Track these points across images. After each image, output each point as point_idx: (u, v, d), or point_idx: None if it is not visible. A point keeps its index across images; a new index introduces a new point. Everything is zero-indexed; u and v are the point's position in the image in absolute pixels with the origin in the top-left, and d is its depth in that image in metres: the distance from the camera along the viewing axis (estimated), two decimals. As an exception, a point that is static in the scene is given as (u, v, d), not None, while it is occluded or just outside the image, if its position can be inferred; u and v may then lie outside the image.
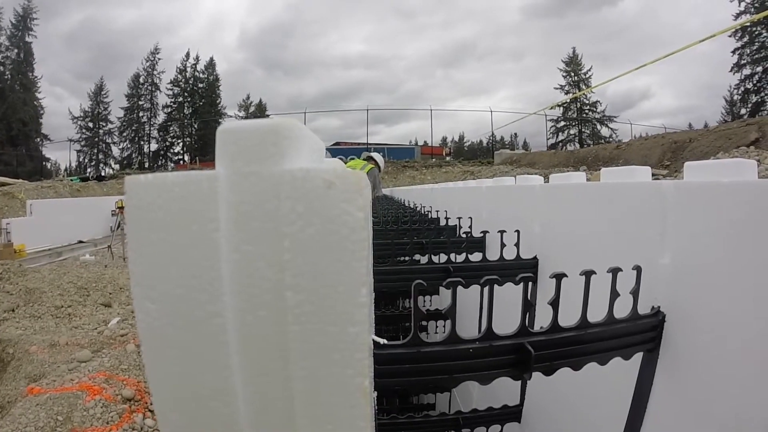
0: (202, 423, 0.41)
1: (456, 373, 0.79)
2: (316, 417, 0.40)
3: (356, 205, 0.37)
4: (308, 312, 0.37)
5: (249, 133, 0.38)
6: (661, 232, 0.99)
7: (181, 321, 0.39)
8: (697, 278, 0.89)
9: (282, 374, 0.38)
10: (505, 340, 0.81)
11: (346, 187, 0.37)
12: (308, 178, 0.37)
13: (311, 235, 0.37)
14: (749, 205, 0.78)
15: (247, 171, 0.38)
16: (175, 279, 0.38)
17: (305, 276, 0.37)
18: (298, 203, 0.37)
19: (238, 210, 0.37)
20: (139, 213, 0.39)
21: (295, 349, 0.38)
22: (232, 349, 0.38)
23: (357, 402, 0.39)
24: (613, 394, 1.05)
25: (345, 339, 0.38)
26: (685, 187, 0.93)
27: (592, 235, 1.29)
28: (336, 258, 0.37)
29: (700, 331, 0.88)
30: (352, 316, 0.38)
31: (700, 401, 0.87)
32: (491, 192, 2.29)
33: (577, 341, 0.87)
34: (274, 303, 0.37)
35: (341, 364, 0.38)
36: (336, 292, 0.37)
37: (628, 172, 1.20)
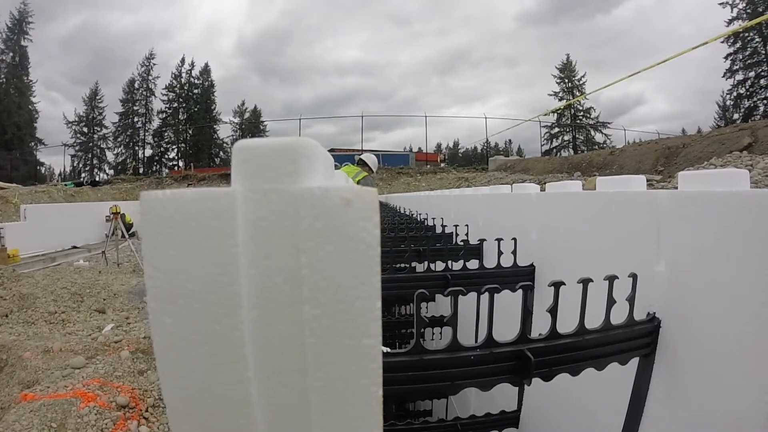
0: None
1: (457, 380, 0.81)
2: (331, 426, 0.41)
3: (373, 223, 0.38)
4: (325, 326, 0.39)
5: (268, 151, 0.39)
6: (657, 240, 1.01)
7: (199, 335, 0.40)
8: (691, 285, 0.91)
9: (299, 386, 0.40)
10: (505, 347, 0.82)
11: (363, 205, 0.38)
12: (327, 196, 0.38)
13: (329, 252, 0.38)
14: (741, 214, 0.80)
15: (266, 188, 0.39)
16: (193, 294, 0.39)
17: (323, 291, 0.38)
18: (316, 220, 0.38)
19: (256, 226, 0.38)
20: (156, 229, 0.39)
21: (312, 361, 0.39)
22: (249, 362, 0.39)
23: (372, 411, 0.41)
24: (610, 399, 1.07)
25: (360, 351, 0.39)
26: (679, 197, 0.95)
27: (588, 243, 1.31)
28: (353, 274, 0.38)
29: (694, 337, 0.90)
30: (368, 329, 0.39)
31: (694, 405, 0.89)
32: (488, 200, 2.31)
33: (575, 347, 0.89)
34: (292, 317, 0.39)
35: (357, 375, 0.40)
36: (353, 307, 0.39)
37: (624, 181, 1.22)
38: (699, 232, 0.90)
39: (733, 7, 34.92)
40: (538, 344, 0.85)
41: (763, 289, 0.76)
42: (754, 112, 35.91)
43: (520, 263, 1.63)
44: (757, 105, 37.00)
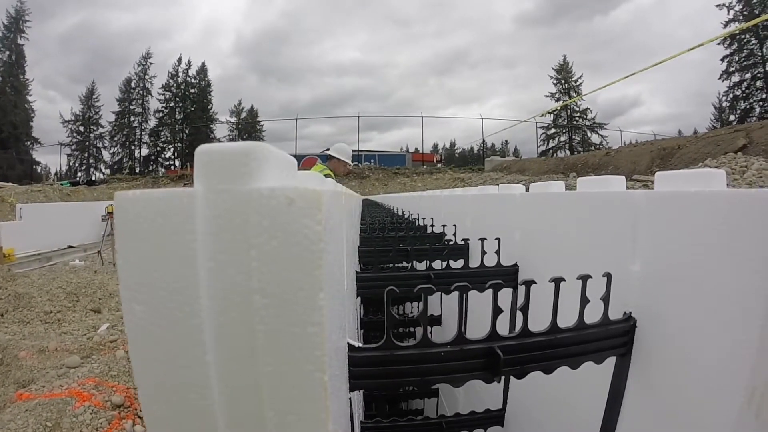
0: (181, 414, 0.45)
1: (428, 376, 0.82)
2: (281, 408, 0.44)
3: (315, 220, 0.42)
4: (272, 314, 0.42)
5: (223, 155, 0.43)
6: (633, 239, 1.02)
7: (164, 321, 0.44)
8: (665, 285, 0.92)
9: (252, 370, 0.43)
10: (476, 344, 0.84)
11: (305, 204, 0.42)
12: (273, 195, 0.42)
13: (275, 247, 0.42)
14: (714, 214, 0.81)
15: (221, 189, 0.43)
16: (159, 283, 0.43)
17: (270, 282, 0.42)
18: (264, 218, 0.42)
19: (213, 223, 0.42)
20: (128, 225, 0.44)
21: (262, 346, 0.43)
22: (207, 347, 0.43)
23: (317, 395, 0.44)
24: (591, 398, 1.07)
25: (305, 338, 0.43)
26: (654, 197, 0.96)
27: (569, 242, 1.32)
28: (296, 267, 0.42)
29: (668, 337, 0.90)
30: (311, 318, 0.43)
31: (669, 405, 0.90)
32: (475, 200, 2.33)
33: (548, 346, 0.89)
34: (244, 306, 0.42)
35: (302, 361, 0.43)
36: (296, 297, 0.42)
37: (603, 181, 1.23)
38: (673, 232, 0.90)
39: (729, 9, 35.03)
40: (509, 342, 0.86)
41: (737, 289, 0.76)
42: (750, 114, 36.03)
43: (506, 263, 1.64)
44: (753, 107, 37.12)
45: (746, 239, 0.75)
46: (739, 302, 0.76)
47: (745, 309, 0.75)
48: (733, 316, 0.77)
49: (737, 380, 0.76)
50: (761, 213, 0.74)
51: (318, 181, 0.78)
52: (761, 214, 0.74)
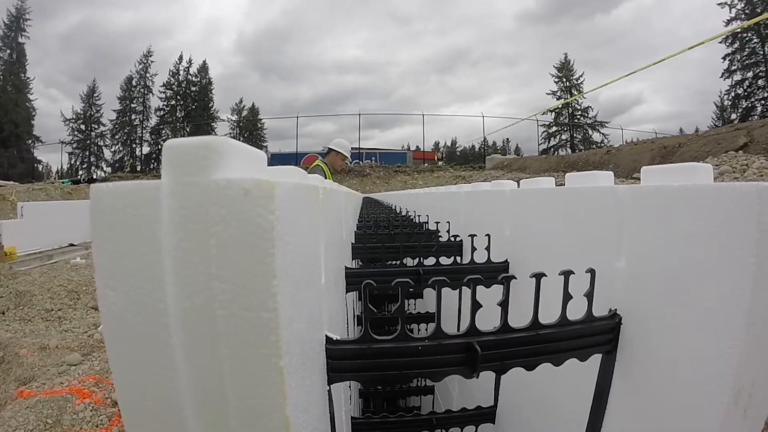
0: (150, 396, 0.48)
1: (406, 370, 0.83)
2: (240, 391, 0.47)
3: (267, 209, 0.45)
4: (230, 299, 0.45)
5: (186, 149, 0.46)
6: (618, 235, 1.00)
7: (133, 306, 0.47)
8: (650, 281, 0.91)
9: (213, 353, 0.46)
10: (454, 339, 0.84)
11: (260, 194, 0.45)
12: (229, 186, 0.45)
13: (232, 235, 0.45)
14: (698, 209, 0.79)
15: (184, 181, 0.45)
16: (128, 270, 0.46)
17: (227, 269, 0.45)
18: (221, 208, 0.45)
19: (177, 214, 0.45)
20: (101, 215, 0.47)
21: (222, 331, 0.45)
22: (173, 330, 0.46)
23: (274, 379, 0.47)
24: (582, 395, 1.05)
25: (260, 323, 0.45)
26: (639, 192, 0.95)
27: (557, 238, 1.32)
28: (250, 254, 0.45)
29: (653, 334, 0.89)
30: (265, 304, 0.45)
31: (654, 403, 0.89)
32: (469, 197, 2.33)
33: (528, 342, 0.89)
34: (205, 291, 0.45)
35: (257, 345, 0.46)
36: (251, 283, 0.45)
37: (590, 176, 1.22)
38: (657, 227, 0.89)
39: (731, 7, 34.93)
40: (489, 337, 0.85)
41: (722, 286, 0.75)
42: (752, 113, 35.92)
43: (497, 259, 1.64)
44: (754, 105, 37.02)
45: (731, 234, 0.74)
46: (723, 299, 0.75)
47: (730, 306, 0.74)
48: (717, 313, 0.76)
49: (723, 380, 0.75)
50: (747, 207, 0.72)
51: (286, 175, 0.79)
52: (747, 209, 0.72)
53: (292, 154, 32.51)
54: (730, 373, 0.74)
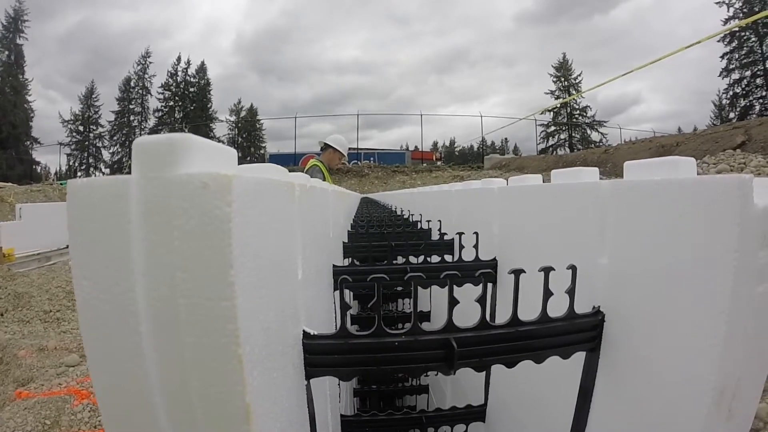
0: (121, 382, 0.51)
1: (383, 365, 0.83)
2: (203, 378, 0.49)
3: (224, 201, 0.47)
4: (191, 288, 0.47)
5: (152, 146, 0.49)
6: (600, 231, 0.99)
7: (105, 294, 0.49)
8: (631, 278, 0.89)
9: (177, 340, 0.48)
10: (431, 335, 0.83)
11: (218, 187, 0.47)
12: (190, 180, 0.47)
13: (193, 227, 0.47)
14: (677, 204, 0.77)
15: (150, 176, 0.48)
16: (101, 261, 0.49)
17: (188, 259, 0.47)
18: (183, 201, 0.47)
19: (144, 207, 0.47)
20: (76, 208, 0.50)
21: (184, 319, 0.48)
22: (141, 318, 0.48)
23: (233, 367, 0.49)
24: (571, 393, 1.03)
25: (218, 312, 0.47)
26: (620, 187, 0.93)
27: (544, 235, 1.31)
28: (209, 244, 0.47)
29: (635, 332, 0.88)
30: (223, 293, 0.47)
31: (637, 402, 0.87)
32: (460, 195, 2.33)
33: (508, 339, 0.88)
34: (169, 281, 0.47)
35: (217, 333, 0.48)
36: (209, 273, 0.47)
37: (575, 173, 1.20)
38: (638, 223, 0.87)
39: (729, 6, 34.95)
40: (466, 334, 0.85)
41: (702, 283, 0.73)
42: (750, 111, 35.94)
43: (486, 257, 1.63)
44: (753, 104, 37.04)
45: (712, 229, 0.72)
46: (704, 296, 0.73)
47: (710, 303, 0.72)
48: (698, 310, 0.74)
49: (704, 379, 0.73)
50: (727, 201, 0.70)
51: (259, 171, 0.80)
52: (727, 202, 0.70)
53: (290, 155, 32.53)
54: (712, 372, 0.72)
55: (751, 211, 0.70)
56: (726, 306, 0.70)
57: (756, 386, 0.82)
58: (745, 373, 0.75)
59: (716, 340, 0.71)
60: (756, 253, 0.72)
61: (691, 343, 0.75)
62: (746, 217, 0.69)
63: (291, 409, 0.73)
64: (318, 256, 1.25)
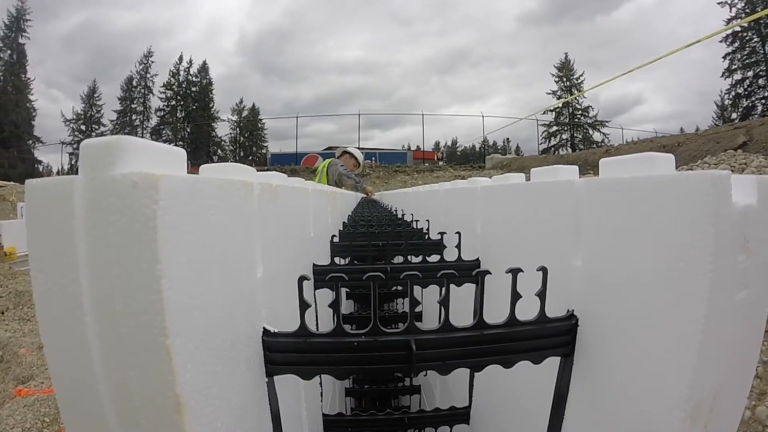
0: (71, 369, 0.54)
1: (343, 365, 0.82)
2: (137, 367, 0.52)
3: (152, 200, 0.50)
4: (125, 281, 0.50)
5: (93, 147, 0.52)
6: (575, 232, 0.95)
7: (55, 286, 0.53)
8: (605, 281, 0.85)
9: (115, 330, 0.51)
10: (392, 336, 0.82)
11: (145, 185, 0.50)
12: (122, 180, 0.50)
13: (125, 223, 0.50)
14: (650, 202, 0.73)
15: (91, 176, 0.51)
16: (51, 254, 0.53)
17: (121, 254, 0.50)
18: (116, 199, 0.50)
19: (86, 204, 0.51)
20: (32, 207, 0.53)
21: (120, 310, 0.50)
22: (86, 309, 0.51)
23: (162, 358, 0.51)
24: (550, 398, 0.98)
25: (148, 304, 0.50)
26: (593, 185, 0.89)
27: (523, 235, 1.28)
28: (138, 240, 0.50)
29: (608, 338, 0.84)
30: (151, 286, 0.50)
31: (610, 410, 0.84)
32: (447, 195, 2.31)
33: (472, 342, 0.86)
34: (107, 275, 0.50)
35: (147, 325, 0.51)
36: (139, 267, 0.50)
37: (553, 171, 1.16)
38: (612, 223, 0.83)
39: (731, 6, 34.86)
40: (428, 336, 0.83)
41: (675, 287, 0.68)
42: (753, 112, 35.82)
43: (470, 257, 1.61)
44: (755, 104, 36.94)
45: (686, 230, 0.67)
46: (678, 302, 0.68)
47: (684, 310, 0.67)
48: (671, 317, 0.70)
49: (677, 391, 0.69)
50: (701, 199, 0.65)
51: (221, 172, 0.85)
52: (701, 201, 0.65)
53: (291, 154, 32.53)
54: (685, 385, 0.68)
55: (729, 211, 0.66)
56: (701, 314, 0.65)
57: (737, 401, 0.78)
58: (724, 387, 0.70)
59: (690, 351, 0.66)
60: (735, 256, 0.67)
61: (665, 353, 0.71)
62: (723, 218, 0.64)
63: (244, 404, 0.75)
64: (290, 255, 1.24)
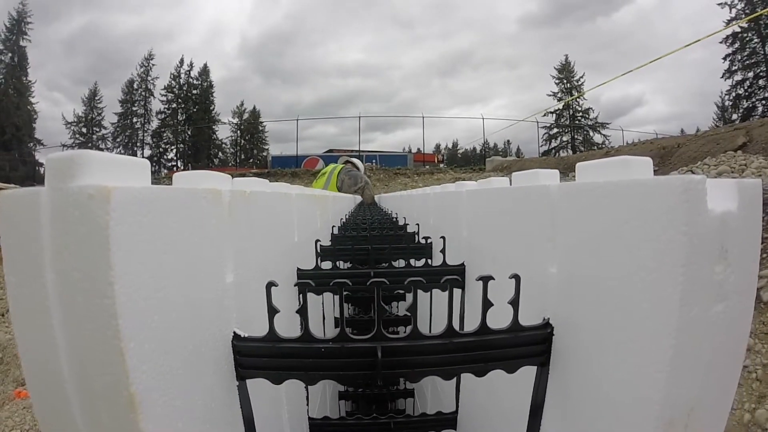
0: (42, 367, 0.58)
1: (311, 371, 0.83)
2: (97, 366, 0.56)
3: (104, 210, 0.53)
4: (84, 286, 0.54)
5: (56, 161, 0.56)
6: (551, 238, 0.93)
7: (26, 290, 0.57)
8: (579, 289, 0.83)
9: (79, 332, 0.55)
10: (358, 343, 0.82)
11: (100, 197, 0.53)
12: (80, 191, 0.53)
13: (83, 233, 0.53)
14: (621, 209, 0.71)
15: (55, 187, 0.55)
16: (22, 260, 0.57)
17: (80, 261, 0.54)
18: (75, 209, 0.53)
19: (51, 214, 0.55)
20: (3, 216, 0.58)
21: (82, 314, 0.54)
22: (52, 312, 0.55)
23: (117, 359, 0.55)
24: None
25: (102, 308, 0.54)
26: (568, 190, 0.87)
27: (505, 241, 1.26)
28: (93, 248, 0.53)
29: (582, 348, 0.82)
30: (105, 291, 0.53)
31: (584, 424, 0.81)
32: (437, 198, 2.30)
33: (442, 350, 0.85)
34: (69, 280, 0.54)
35: (104, 327, 0.54)
36: (93, 272, 0.53)
37: (533, 175, 1.13)
38: (586, 229, 0.81)
39: (731, 7, 34.89)
40: (395, 344, 0.82)
41: (649, 299, 0.65)
42: (753, 113, 35.83)
43: (456, 261, 1.60)
44: (755, 105, 36.94)
45: (657, 239, 0.64)
46: (650, 315, 0.65)
47: (656, 323, 0.64)
48: (643, 330, 0.66)
49: (650, 408, 0.66)
50: (672, 206, 0.62)
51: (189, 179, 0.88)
52: (672, 208, 0.62)
53: (292, 157, 32.63)
54: (657, 401, 0.65)
55: (704, 218, 0.62)
56: (673, 327, 0.62)
57: (716, 419, 0.74)
58: (701, 404, 0.67)
59: (662, 365, 0.63)
60: (712, 267, 0.64)
61: (637, 368, 0.68)
62: (696, 226, 0.61)
63: (212, 406, 0.78)
64: (269, 260, 1.23)
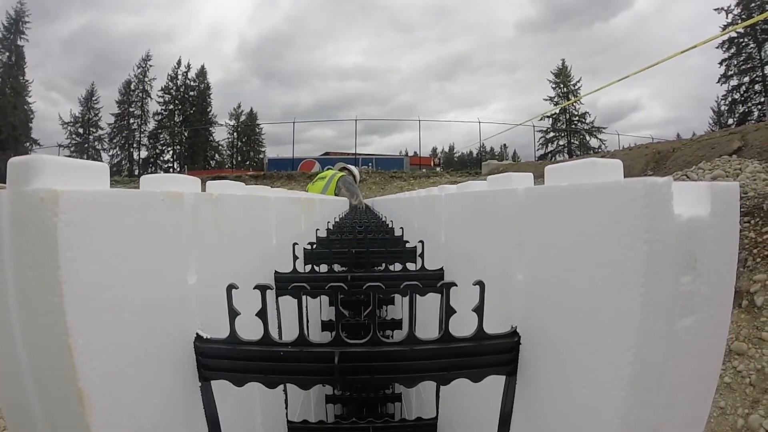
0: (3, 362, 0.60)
1: (270, 374, 0.83)
2: (48, 361, 0.58)
3: (53, 212, 0.55)
4: (36, 284, 0.56)
5: (16, 165, 0.59)
6: (518, 244, 0.91)
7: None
8: (543, 297, 0.81)
9: (35, 327, 0.57)
10: (317, 348, 0.81)
11: (50, 200, 0.55)
12: (33, 195, 0.55)
13: (34, 234, 0.56)
14: (583, 213, 0.68)
15: (14, 190, 0.57)
16: None
17: (32, 260, 0.56)
18: (29, 212, 0.56)
19: (10, 216, 0.57)
20: None
21: (36, 310, 0.56)
22: (11, 307, 0.58)
23: (65, 354, 0.57)
24: None
25: (53, 306, 0.56)
26: (533, 194, 0.85)
27: (478, 246, 1.24)
28: (43, 249, 0.56)
29: (547, 358, 0.78)
30: (53, 290, 0.56)
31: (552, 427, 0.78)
32: (421, 202, 2.29)
33: (401, 357, 0.83)
34: (23, 277, 0.57)
35: (53, 325, 0.56)
36: (45, 272, 0.56)
37: (506, 178, 1.08)
38: (549, 235, 0.78)
39: (728, 13, 35.06)
40: (354, 349, 0.82)
41: (608, 312, 0.62)
42: (749, 118, 35.97)
43: (436, 266, 1.58)
44: (751, 110, 37.13)
45: (617, 246, 0.60)
46: (610, 329, 0.62)
47: (616, 338, 0.60)
48: (603, 346, 0.63)
49: (609, 429, 0.62)
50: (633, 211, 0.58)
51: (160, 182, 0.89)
52: (633, 213, 0.58)
53: (289, 159, 32.67)
54: (615, 422, 0.61)
55: (669, 225, 0.57)
56: (633, 342, 0.57)
57: None
58: (665, 427, 0.63)
59: (621, 383, 0.59)
60: (677, 278, 0.59)
61: (598, 384, 0.64)
62: (659, 233, 0.57)
63: (170, 405, 0.79)
64: (238, 262, 1.23)
